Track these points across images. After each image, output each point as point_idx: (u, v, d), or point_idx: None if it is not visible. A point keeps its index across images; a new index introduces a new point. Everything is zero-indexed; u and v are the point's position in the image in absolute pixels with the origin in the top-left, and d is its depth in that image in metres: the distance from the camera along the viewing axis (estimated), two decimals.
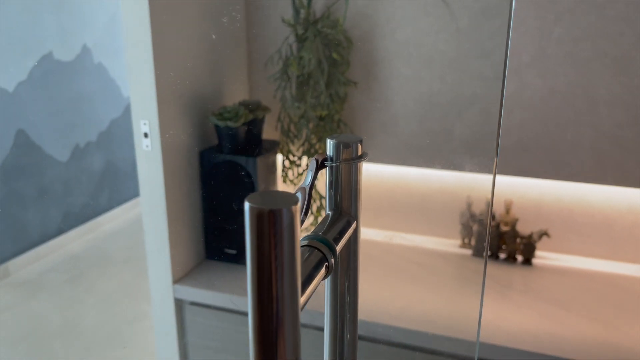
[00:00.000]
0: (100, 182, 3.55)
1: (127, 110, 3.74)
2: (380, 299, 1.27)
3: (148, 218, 1.32)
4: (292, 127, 1.50)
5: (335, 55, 1.39)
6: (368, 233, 1.64)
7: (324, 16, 1.41)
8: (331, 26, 1.38)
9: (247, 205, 0.29)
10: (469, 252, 1.52)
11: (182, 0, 1.25)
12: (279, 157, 1.54)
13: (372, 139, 1.55)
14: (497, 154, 1.31)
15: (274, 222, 0.28)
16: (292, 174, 1.54)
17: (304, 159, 1.51)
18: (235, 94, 1.56)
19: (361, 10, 1.46)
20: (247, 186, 1.37)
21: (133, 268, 2.95)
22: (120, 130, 3.71)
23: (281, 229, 0.28)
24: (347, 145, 0.49)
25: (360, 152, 0.52)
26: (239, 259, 1.44)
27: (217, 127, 1.37)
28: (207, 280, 1.35)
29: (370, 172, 1.61)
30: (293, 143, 1.50)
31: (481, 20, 1.36)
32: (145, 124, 1.24)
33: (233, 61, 1.54)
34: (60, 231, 3.21)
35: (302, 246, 0.46)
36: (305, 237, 0.46)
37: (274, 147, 1.48)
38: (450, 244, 1.56)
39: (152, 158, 1.26)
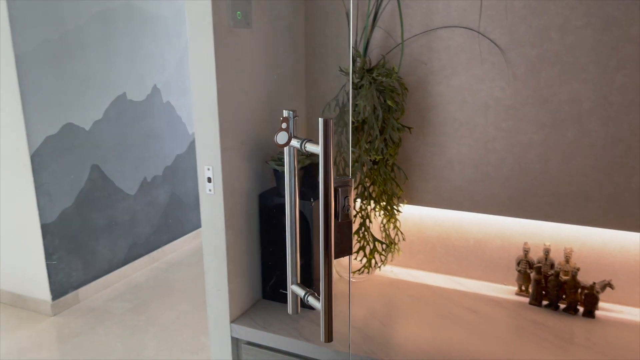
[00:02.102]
0: (165, 214, 3.72)
1: (192, 146, 3.93)
2: (433, 346, 1.26)
3: (209, 257, 1.38)
4: (347, 171, 1.54)
5: (390, 102, 1.42)
6: (422, 276, 1.63)
7: (379, 64, 1.45)
8: (386, 74, 1.42)
9: None
10: (525, 299, 1.48)
11: (245, 48, 1.33)
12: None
13: (427, 183, 1.56)
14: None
15: None
16: None
17: (358, 202, 1.54)
18: None
19: (416, 58, 1.49)
20: (302, 229, 1.41)
21: (192, 299, 3.05)
22: (184, 165, 3.89)
23: None
24: None
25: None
26: None
27: (275, 171, 1.42)
28: (263, 320, 1.39)
29: (425, 215, 1.62)
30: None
31: (538, 67, 1.36)
32: (209, 169, 1.32)
33: (292, 106, 1.61)
34: (126, 261, 3.38)
35: None
36: None
37: None
38: (506, 291, 1.53)
39: (215, 201, 1.33)
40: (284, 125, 0.90)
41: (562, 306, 1.43)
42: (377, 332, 1.33)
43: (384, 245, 1.56)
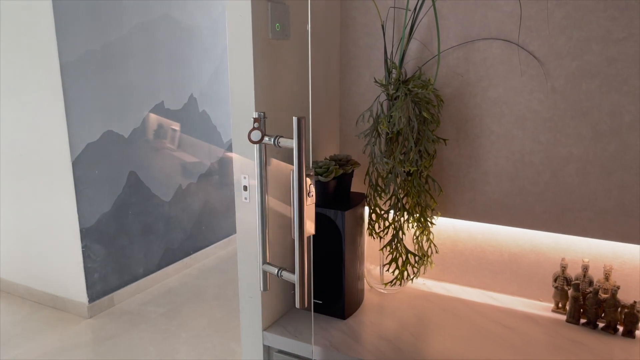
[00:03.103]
0: (198, 221, 3.78)
1: (226, 155, 3.99)
2: None
3: (243, 264, 1.40)
4: (380, 182, 1.54)
5: (425, 114, 1.42)
6: (455, 290, 1.61)
7: (415, 76, 1.45)
8: (422, 86, 1.42)
9: None
10: (562, 317, 1.44)
11: (282, 58, 1.36)
12: (366, 210, 1.58)
13: (462, 196, 1.55)
14: None
15: None
16: (378, 227, 1.56)
17: (391, 213, 1.53)
18: (326, 148, 1.63)
19: (452, 70, 1.49)
20: (335, 238, 1.42)
21: (223, 306, 3.08)
22: (218, 173, 3.95)
23: None
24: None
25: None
26: (325, 309, 1.47)
27: None
28: (294, 329, 1.40)
29: (459, 228, 1.60)
30: (380, 197, 1.53)
31: (578, 79, 1.34)
32: (245, 177, 1.34)
33: (326, 117, 1.62)
34: (160, 266, 3.45)
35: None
36: None
37: (361, 199, 1.52)
38: (542, 307, 1.49)
39: (250, 209, 1.35)
40: (256, 125, 1.09)
41: (600, 325, 1.39)
42: (408, 345, 1.32)
43: (417, 258, 1.55)
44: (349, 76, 1.65)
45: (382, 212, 1.55)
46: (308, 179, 1.04)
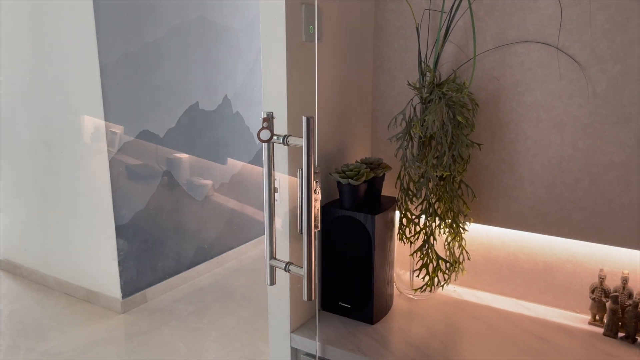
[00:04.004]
0: (229, 221, 3.82)
1: (258, 156, 4.02)
2: None
3: None
4: (412, 186, 1.52)
5: (459, 118, 1.39)
6: (486, 298, 1.58)
7: (449, 79, 1.43)
8: (456, 89, 1.40)
9: None
10: (599, 330, 1.39)
11: (315, 60, 1.35)
12: (397, 214, 1.56)
13: (496, 202, 1.51)
14: None
15: None
16: (409, 232, 1.54)
17: (422, 218, 1.51)
18: (358, 151, 1.62)
19: (488, 73, 1.46)
20: (364, 242, 1.41)
21: (252, 306, 3.10)
22: (250, 174, 3.98)
23: None
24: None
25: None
26: (353, 313, 1.46)
27: (339, 183, 1.43)
28: (321, 332, 1.39)
29: (492, 235, 1.57)
30: (412, 202, 1.51)
31: (621, 84, 1.29)
32: (276, 179, 1.34)
33: (358, 119, 1.61)
34: (191, 264, 3.50)
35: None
36: None
37: (392, 203, 1.50)
38: (578, 319, 1.45)
39: (280, 211, 1.35)
40: (265, 124, 1.12)
41: (639, 339, 1.33)
42: (437, 353, 1.29)
43: (448, 264, 1.52)
44: (382, 78, 1.64)
45: (413, 216, 1.53)
46: (314, 179, 1.10)
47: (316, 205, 1.14)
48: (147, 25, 2.96)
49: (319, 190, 1.15)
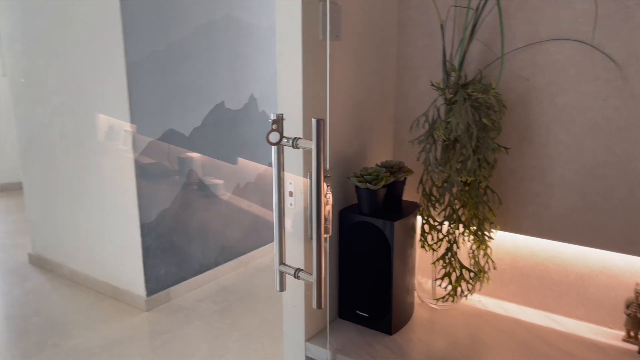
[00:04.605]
0: (254, 220, 3.80)
1: None
2: None
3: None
4: (435, 191, 1.45)
5: (485, 120, 1.32)
6: (513, 309, 1.50)
7: (475, 79, 1.36)
8: (483, 90, 1.32)
9: None
10: (634, 347, 1.30)
11: (333, 60, 1.30)
12: (419, 220, 1.50)
13: (524, 209, 1.43)
14: None
15: None
16: (431, 239, 1.48)
17: (446, 225, 1.44)
18: (378, 153, 1.56)
19: (517, 73, 1.38)
20: (383, 249, 1.35)
21: (275, 307, 3.07)
22: None
23: None
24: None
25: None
26: (371, 322, 1.40)
27: (357, 187, 1.37)
28: (336, 341, 1.34)
29: (520, 244, 1.49)
30: (434, 207, 1.45)
31: None
32: (290, 183, 1.30)
33: (379, 121, 1.55)
34: (216, 263, 3.49)
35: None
36: None
37: (413, 209, 1.44)
38: (612, 335, 1.35)
39: (295, 215, 1.31)
40: (275, 126, 1.08)
41: None
42: None
43: (472, 274, 1.45)
44: (405, 78, 1.57)
45: (436, 223, 1.47)
46: (325, 182, 1.06)
47: (327, 210, 1.11)
48: (173, 24, 2.96)
49: (330, 194, 1.11)
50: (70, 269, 3.45)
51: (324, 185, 1.04)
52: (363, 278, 1.40)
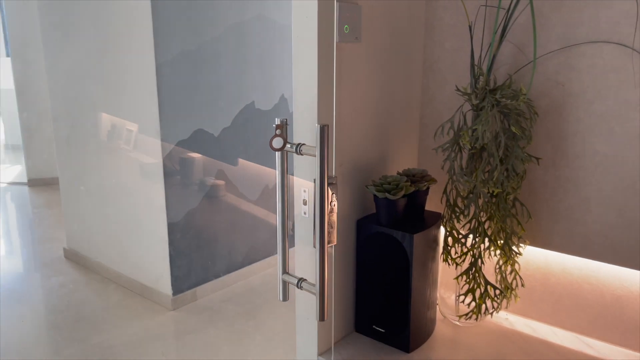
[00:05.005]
0: None
1: None
2: None
3: None
4: (459, 202, 1.37)
5: (514, 128, 1.23)
6: (542, 330, 1.40)
7: (505, 84, 1.27)
8: (512, 96, 1.23)
9: None
10: None
11: (353, 62, 1.24)
12: (442, 232, 1.42)
13: (556, 224, 1.33)
14: None
15: None
16: (454, 252, 1.40)
17: (470, 238, 1.36)
18: (401, 160, 1.49)
19: (551, 78, 1.28)
20: (402, 262, 1.28)
21: None
22: None
23: None
24: None
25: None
26: (388, 338, 1.34)
27: (375, 197, 1.31)
28: (350, 357, 1.28)
29: (551, 260, 1.39)
30: (459, 219, 1.37)
31: None
32: (305, 191, 1.25)
33: (403, 126, 1.48)
34: (243, 264, 3.48)
35: None
36: None
37: (436, 220, 1.37)
38: None
39: (309, 225, 1.26)
40: (278, 132, 1.05)
41: None
42: None
43: (498, 291, 1.36)
44: (432, 81, 1.49)
45: (460, 236, 1.39)
46: (330, 189, 1.04)
47: (331, 218, 1.08)
48: (205, 23, 2.95)
49: (335, 202, 1.08)
50: (102, 264, 3.50)
51: (328, 192, 1.01)
52: (380, 291, 1.34)
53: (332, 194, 1.07)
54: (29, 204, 5.33)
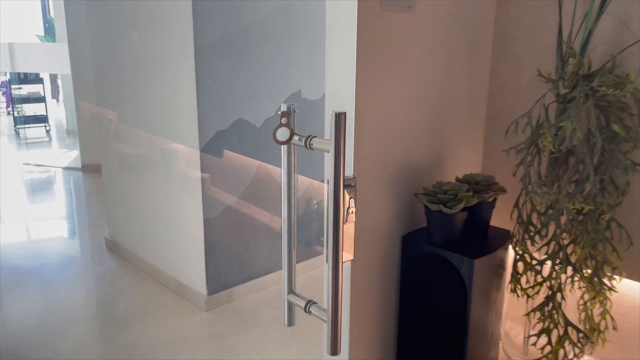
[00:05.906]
0: None
1: None
2: None
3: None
4: (535, 219, 1.08)
5: (615, 127, 0.93)
6: None
7: (604, 68, 0.97)
8: (615, 84, 0.93)
9: None
10: None
11: (401, 38, 0.98)
12: (510, 254, 1.14)
13: None
14: None
15: None
16: (525, 282, 1.11)
17: (548, 265, 1.07)
18: (461, 164, 1.21)
19: None
20: (458, 291, 1.01)
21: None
22: None
23: None
24: None
25: None
26: None
27: (427, 208, 1.04)
28: None
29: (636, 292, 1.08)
30: (533, 241, 1.08)
31: None
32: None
33: (464, 121, 1.20)
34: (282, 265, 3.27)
35: None
36: None
37: (504, 241, 1.09)
38: None
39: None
40: (284, 121, 0.87)
41: None
42: None
43: (581, 334, 1.07)
44: (504, 66, 1.21)
45: (534, 262, 1.10)
46: (347, 191, 0.86)
47: (348, 229, 0.88)
48: (248, 5, 2.75)
49: (354, 209, 0.90)
50: (140, 257, 3.40)
51: (345, 196, 0.83)
52: (429, 324, 1.08)
53: (350, 198, 0.88)
54: (81, 189, 5.37)
